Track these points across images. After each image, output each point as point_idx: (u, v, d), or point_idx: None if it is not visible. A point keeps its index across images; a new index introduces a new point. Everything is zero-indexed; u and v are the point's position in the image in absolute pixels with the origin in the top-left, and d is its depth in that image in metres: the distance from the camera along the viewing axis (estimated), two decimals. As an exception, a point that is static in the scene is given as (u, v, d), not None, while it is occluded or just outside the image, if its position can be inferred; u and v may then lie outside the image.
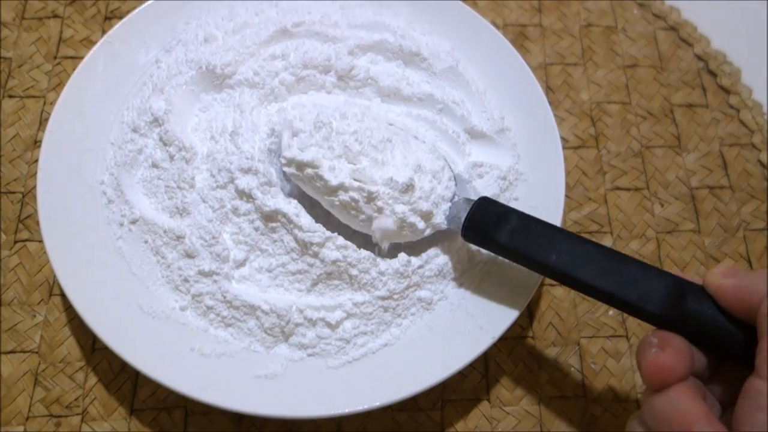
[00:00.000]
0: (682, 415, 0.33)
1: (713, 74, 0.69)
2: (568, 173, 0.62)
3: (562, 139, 0.62)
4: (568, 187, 0.62)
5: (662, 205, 0.62)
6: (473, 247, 0.52)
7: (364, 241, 0.50)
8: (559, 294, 0.57)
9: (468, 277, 0.52)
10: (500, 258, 0.51)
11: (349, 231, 0.50)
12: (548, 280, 0.57)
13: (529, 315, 0.56)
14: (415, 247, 0.51)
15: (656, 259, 0.60)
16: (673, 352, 0.35)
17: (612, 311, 0.57)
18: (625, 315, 0.56)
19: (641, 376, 0.36)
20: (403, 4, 0.62)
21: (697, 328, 0.37)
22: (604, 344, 0.55)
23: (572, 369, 0.54)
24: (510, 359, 0.54)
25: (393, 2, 0.62)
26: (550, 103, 0.57)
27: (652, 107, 0.67)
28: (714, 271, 0.37)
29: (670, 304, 0.38)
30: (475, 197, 0.49)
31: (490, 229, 0.46)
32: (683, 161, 0.64)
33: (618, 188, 0.62)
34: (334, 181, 0.47)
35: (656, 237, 0.61)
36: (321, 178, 0.47)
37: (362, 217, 0.48)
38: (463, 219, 0.47)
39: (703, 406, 0.34)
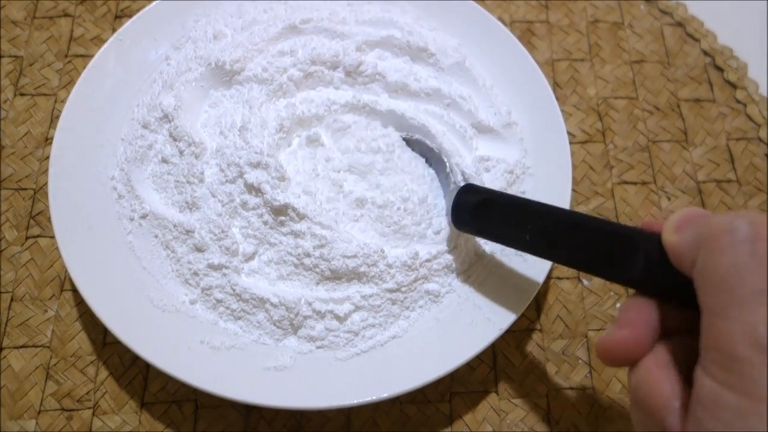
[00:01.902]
0: (652, 401, 0.30)
1: (720, 69, 0.69)
2: (575, 168, 0.62)
3: (570, 134, 0.62)
4: (576, 181, 0.62)
5: (669, 199, 0.62)
6: (480, 240, 0.52)
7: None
8: (566, 287, 0.57)
9: (475, 269, 0.52)
10: (506, 250, 0.52)
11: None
12: (556, 273, 0.57)
13: (536, 307, 0.56)
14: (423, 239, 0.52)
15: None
16: (617, 331, 0.32)
17: (619, 304, 0.57)
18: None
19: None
20: (410, 1, 0.62)
21: (666, 287, 0.33)
22: (612, 337, 0.55)
23: (580, 361, 0.54)
24: (518, 351, 0.54)
25: (400, -2, 0.62)
26: (558, 99, 0.58)
27: (659, 102, 0.67)
28: (669, 222, 0.31)
29: (638, 267, 0.34)
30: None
31: (470, 222, 0.47)
32: (690, 155, 0.64)
33: (625, 182, 0.62)
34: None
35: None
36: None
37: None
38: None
39: (667, 391, 0.30)
